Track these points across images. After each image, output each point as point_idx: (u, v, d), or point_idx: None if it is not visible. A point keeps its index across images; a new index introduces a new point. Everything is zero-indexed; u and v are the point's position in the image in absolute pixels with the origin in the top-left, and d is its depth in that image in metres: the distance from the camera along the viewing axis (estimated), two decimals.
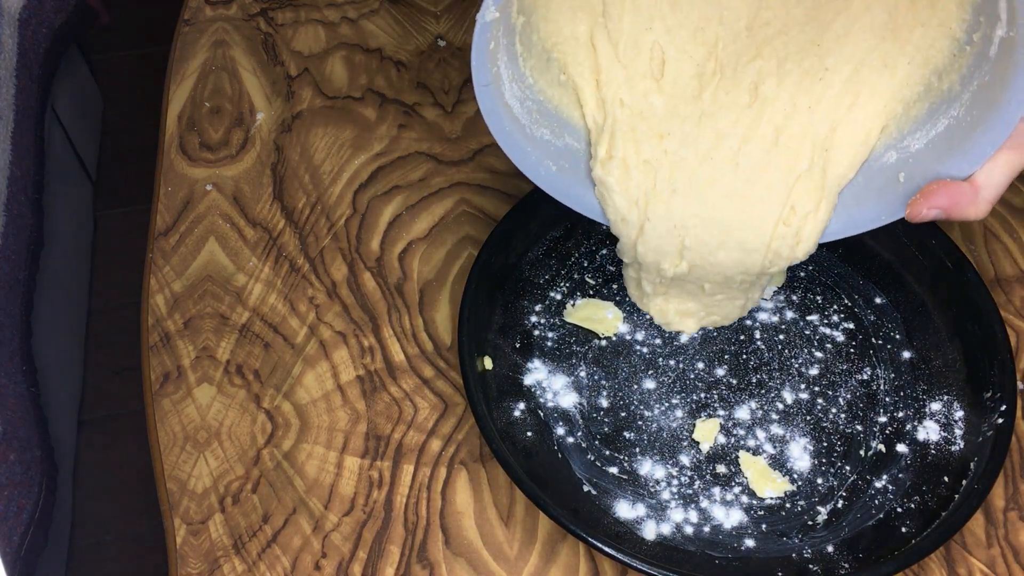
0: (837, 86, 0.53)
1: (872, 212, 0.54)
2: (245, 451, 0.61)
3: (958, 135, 0.50)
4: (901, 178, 0.53)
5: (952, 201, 0.49)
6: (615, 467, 0.59)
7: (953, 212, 0.50)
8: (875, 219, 0.54)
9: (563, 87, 0.55)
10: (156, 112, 0.79)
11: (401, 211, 0.72)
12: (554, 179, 0.55)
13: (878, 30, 0.53)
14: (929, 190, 0.50)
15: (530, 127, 0.54)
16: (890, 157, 0.54)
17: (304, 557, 0.57)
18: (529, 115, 0.54)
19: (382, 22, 0.84)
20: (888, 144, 0.54)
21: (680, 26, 0.54)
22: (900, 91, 0.53)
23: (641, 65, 0.54)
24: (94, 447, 1.30)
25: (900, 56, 0.52)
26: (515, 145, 0.54)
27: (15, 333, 0.90)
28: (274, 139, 0.77)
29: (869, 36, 0.53)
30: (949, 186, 0.50)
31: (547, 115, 0.55)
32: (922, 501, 0.56)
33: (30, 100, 1.01)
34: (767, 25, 0.53)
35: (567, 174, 0.56)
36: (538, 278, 0.66)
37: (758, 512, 0.57)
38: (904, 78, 0.53)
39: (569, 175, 0.56)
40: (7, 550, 0.76)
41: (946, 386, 0.61)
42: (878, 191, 0.54)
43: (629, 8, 0.54)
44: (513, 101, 0.53)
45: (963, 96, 0.50)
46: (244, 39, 0.83)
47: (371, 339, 0.65)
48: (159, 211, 0.73)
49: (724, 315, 0.61)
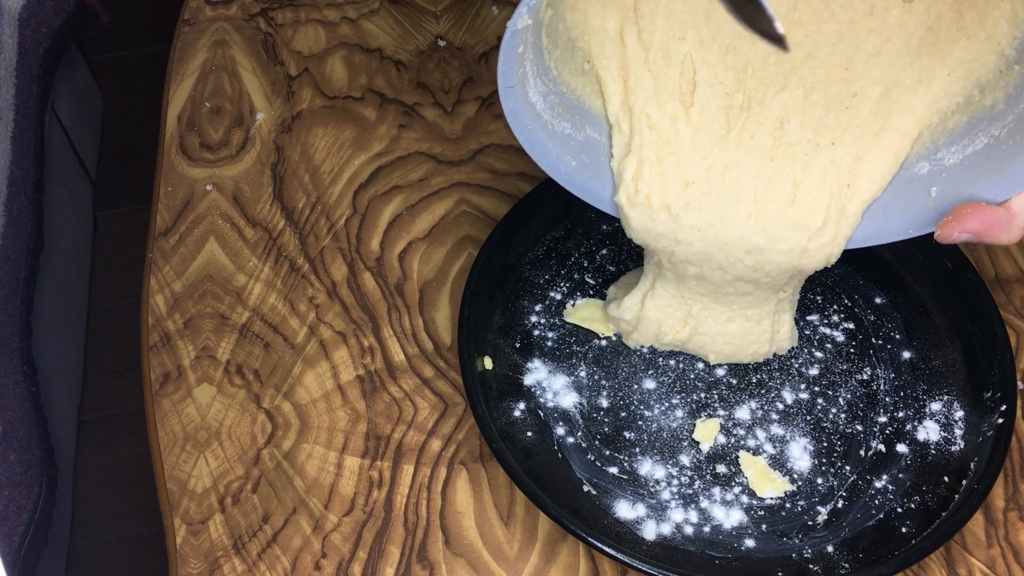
0: (865, 112, 0.52)
1: (899, 224, 0.53)
2: (245, 451, 0.61)
3: (998, 157, 0.49)
4: (933, 192, 0.52)
5: (985, 226, 0.48)
6: (615, 467, 0.59)
7: (985, 237, 0.48)
8: (902, 231, 0.53)
9: (586, 76, 0.55)
10: (156, 112, 0.79)
11: (401, 211, 0.72)
12: (573, 174, 0.55)
13: (914, 47, 0.51)
14: (962, 212, 0.49)
15: (551, 122, 0.54)
16: (922, 168, 0.53)
17: (304, 557, 0.57)
18: (552, 109, 0.54)
19: (382, 22, 0.84)
20: (921, 154, 0.53)
21: (713, 39, 0.53)
22: (936, 102, 0.52)
23: (671, 79, 0.54)
24: (94, 447, 1.30)
25: (939, 68, 0.51)
26: (536, 142, 0.54)
27: (15, 333, 0.90)
28: (274, 139, 0.77)
29: (903, 54, 0.51)
30: (983, 210, 0.48)
31: (569, 107, 0.55)
32: (922, 501, 0.56)
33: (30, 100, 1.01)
34: (797, 47, 0.52)
35: (587, 168, 0.56)
36: (538, 278, 0.66)
37: (758, 512, 0.57)
38: (942, 89, 0.52)
39: (588, 170, 0.56)
40: (7, 550, 0.76)
41: (946, 386, 0.61)
42: (906, 202, 0.53)
43: (663, 11, 0.54)
44: (536, 97, 0.53)
45: (1007, 117, 0.49)
46: (244, 39, 0.83)
47: (371, 339, 0.65)
48: (159, 211, 0.73)
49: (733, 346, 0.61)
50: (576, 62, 0.55)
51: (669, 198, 0.54)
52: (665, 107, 0.54)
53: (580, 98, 0.56)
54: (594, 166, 0.56)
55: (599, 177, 0.56)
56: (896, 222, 0.53)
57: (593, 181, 0.56)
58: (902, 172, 0.53)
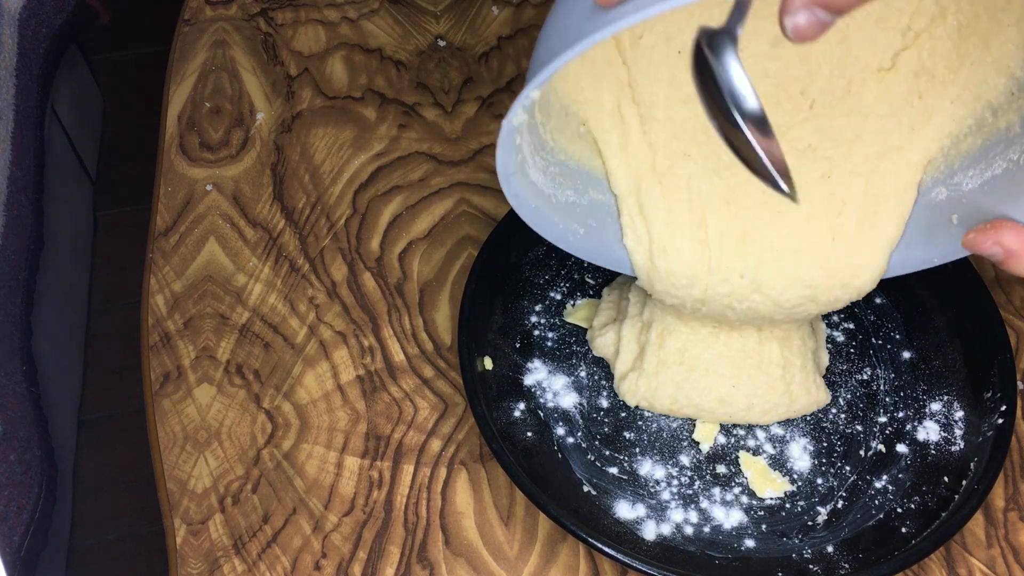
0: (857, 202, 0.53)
1: (922, 254, 0.53)
2: (245, 451, 0.61)
3: (1019, 182, 0.48)
4: (954, 220, 0.51)
5: (1021, 246, 0.45)
6: (615, 467, 0.59)
7: (1011, 261, 0.46)
8: (926, 260, 0.53)
9: (583, 139, 0.55)
10: (156, 112, 0.79)
11: (401, 211, 0.72)
12: (584, 243, 0.55)
13: (898, 104, 0.52)
14: (1002, 225, 0.46)
15: (555, 195, 0.53)
16: (940, 193, 0.52)
17: (304, 557, 0.57)
18: (553, 181, 0.53)
19: (382, 22, 0.84)
20: (936, 179, 0.53)
21: (715, 155, 0.54)
22: (943, 128, 0.51)
23: (680, 201, 0.54)
24: (94, 447, 1.30)
25: (938, 101, 0.51)
26: (543, 220, 0.53)
27: (15, 333, 0.90)
28: (274, 139, 0.77)
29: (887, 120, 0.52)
30: (1022, 231, 0.46)
31: (570, 174, 0.55)
32: (922, 501, 0.56)
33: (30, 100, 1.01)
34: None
35: (596, 233, 0.56)
36: (538, 278, 0.66)
37: (758, 512, 0.57)
38: (947, 116, 0.51)
39: (597, 235, 0.56)
40: (7, 550, 0.76)
41: (946, 386, 0.61)
42: (927, 231, 0.52)
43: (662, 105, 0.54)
44: (536, 175, 0.52)
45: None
46: (244, 39, 0.83)
47: (371, 339, 0.65)
48: (159, 211, 0.73)
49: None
50: (572, 127, 0.54)
51: (690, 268, 0.54)
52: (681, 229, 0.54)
53: (579, 162, 0.55)
54: (602, 229, 0.56)
55: (610, 239, 0.56)
56: (918, 252, 0.53)
57: (605, 245, 0.56)
58: (920, 200, 0.53)
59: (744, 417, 0.59)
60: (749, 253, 0.54)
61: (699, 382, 0.59)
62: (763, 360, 0.58)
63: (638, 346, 0.60)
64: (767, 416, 0.59)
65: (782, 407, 0.59)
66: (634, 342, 0.61)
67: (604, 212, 0.56)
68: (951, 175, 0.52)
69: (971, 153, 0.51)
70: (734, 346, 0.58)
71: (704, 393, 0.59)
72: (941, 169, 0.52)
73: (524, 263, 0.66)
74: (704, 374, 0.59)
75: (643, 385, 0.60)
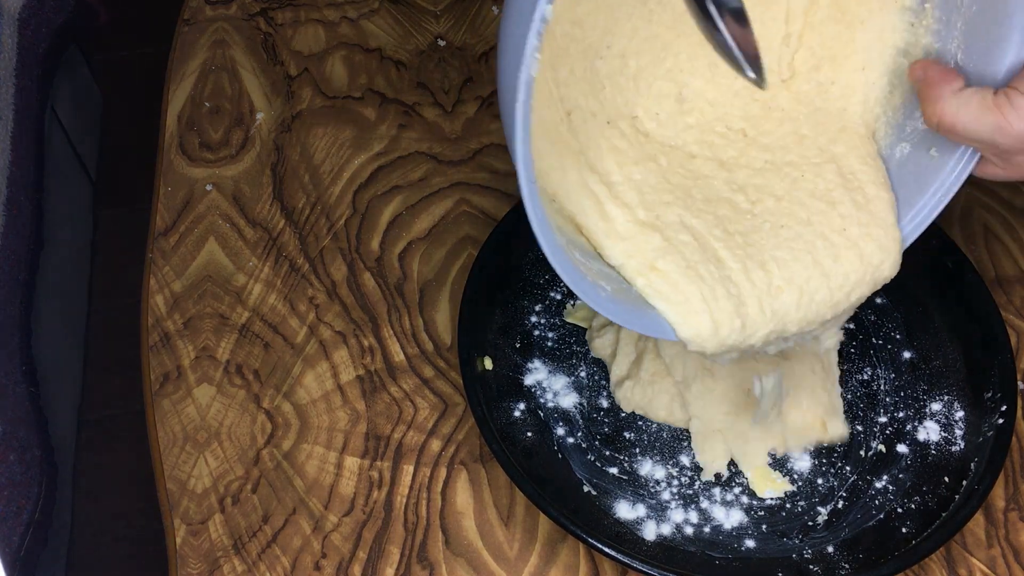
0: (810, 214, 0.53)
1: (929, 201, 0.52)
2: (245, 451, 0.61)
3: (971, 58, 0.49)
4: (933, 152, 0.51)
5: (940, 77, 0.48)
6: (615, 467, 0.59)
7: (925, 88, 0.48)
8: (935, 205, 0.52)
9: (558, 213, 0.53)
10: (156, 112, 0.79)
11: (401, 211, 0.72)
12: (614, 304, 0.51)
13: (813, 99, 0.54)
14: (933, 63, 0.49)
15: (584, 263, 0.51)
16: (903, 149, 0.53)
17: (304, 557, 0.57)
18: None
19: (382, 22, 0.84)
20: (891, 141, 0.53)
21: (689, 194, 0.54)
22: (868, 95, 0.53)
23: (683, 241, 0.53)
24: (94, 447, 1.29)
25: (851, 75, 0.52)
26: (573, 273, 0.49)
27: (15, 333, 0.90)
28: (274, 139, 0.77)
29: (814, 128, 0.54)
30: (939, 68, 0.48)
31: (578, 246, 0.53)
32: (922, 501, 0.56)
33: (30, 100, 1.01)
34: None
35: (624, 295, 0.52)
36: (538, 278, 0.66)
37: (758, 512, 0.57)
38: (866, 83, 0.52)
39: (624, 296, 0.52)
40: (7, 550, 0.76)
41: (946, 386, 0.61)
42: (918, 182, 0.52)
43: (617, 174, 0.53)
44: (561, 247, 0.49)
45: (950, 46, 0.49)
46: (244, 39, 0.83)
47: (371, 339, 0.65)
48: (159, 211, 0.73)
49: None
50: (544, 202, 0.53)
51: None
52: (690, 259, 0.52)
53: (584, 244, 0.53)
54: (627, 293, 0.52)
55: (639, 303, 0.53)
56: (925, 201, 0.53)
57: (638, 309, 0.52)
58: (892, 166, 0.53)
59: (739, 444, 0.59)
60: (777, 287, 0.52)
61: (696, 396, 0.58)
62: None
63: (635, 351, 0.60)
64: (764, 442, 0.59)
65: (776, 429, 0.59)
66: (631, 346, 0.60)
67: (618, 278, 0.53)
68: (902, 130, 0.53)
69: (907, 100, 0.52)
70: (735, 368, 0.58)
71: (701, 409, 0.58)
72: (890, 131, 0.53)
73: (524, 263, 0.66)
74: (701, 390, 0.58)
75: (638, 394, 0.59)
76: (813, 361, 0.59)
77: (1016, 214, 0.71)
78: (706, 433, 0.58)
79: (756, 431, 0.58)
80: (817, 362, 0.59)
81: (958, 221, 0.71)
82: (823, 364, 0.59)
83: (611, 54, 0.55)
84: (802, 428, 0.58)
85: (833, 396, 0.60)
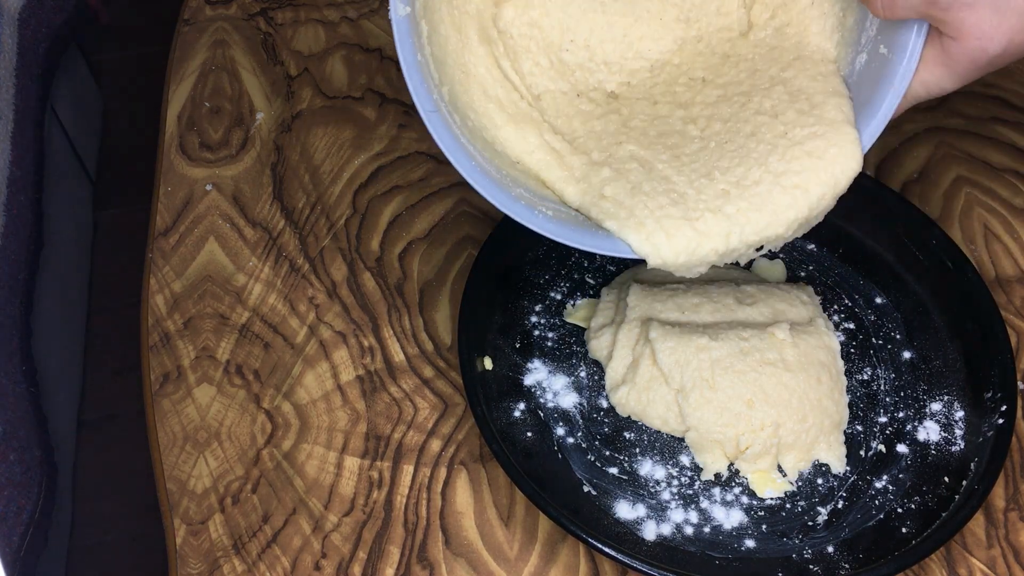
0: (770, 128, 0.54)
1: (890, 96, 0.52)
2: (245, 451, 0.61)
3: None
4: (883, 50, 0.52)
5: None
6: (615, 467, 0.59)
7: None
8: (897, 95, 0.52)
9: (517, 167, 0.55)
10: (156, 112, 0.79)
11: (401, 211, 0.72)
12: (553, 225, 0.53)
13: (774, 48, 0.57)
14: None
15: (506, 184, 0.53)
16: (861, 59, 0.54)
17: (304, 557, 0.57)
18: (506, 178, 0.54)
19: (382, 22, 0.84)
20: (850, 59, 0.55)
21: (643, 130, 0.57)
22: (824, 29, 0.55)
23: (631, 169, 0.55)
24: (94, 447, 1.29)
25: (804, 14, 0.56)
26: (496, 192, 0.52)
27: (15, 333, 0.90)
28: (274, 139, 0.77)
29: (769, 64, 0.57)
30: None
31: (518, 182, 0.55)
32: (922, 501, 0.56)
33: (30, 100, 1.01)
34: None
35: (565, 215, 0.54)
36: (538, 278, 0.66)
37: (758, 512, 0.57)
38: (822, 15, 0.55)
39: (567, 216, 0.54)
40: (7, 550, 0.76)
41: (946, 386, 0.61)
42: (879, 82, 0.53)
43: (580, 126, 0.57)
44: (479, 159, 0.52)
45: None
46: (244, 39, 0.83)
47: (371, 339, 0.65)
48: (159, 211, 0.73)
49: None
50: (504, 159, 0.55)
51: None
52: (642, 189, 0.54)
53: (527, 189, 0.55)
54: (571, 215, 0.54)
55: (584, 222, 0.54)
56: (882, 95, 0.53)
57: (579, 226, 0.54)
58: (853, 79, 0.55)
59: (734, 455, 0.59)
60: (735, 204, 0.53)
61: (694, 407, 0.58)
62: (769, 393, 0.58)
63: (632, 355, 0.60)
64: (761, 460, 0.58)
65: (772, 450, 0.58)
66: (628, 350, 0.60)
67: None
68: (858, 43, 0.54)
69: (858, 16, 0.54)
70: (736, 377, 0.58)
71: (699, 420, 0.58)
72: (848, 49, 0.55)
73: (524, 263, 0.66)
74: (699, 401, 0.58)
75: (633, 399, 0.59)
76: (820, 370, 0.58)
77: (1016, 214, 0.71)
78: (704, 444, 0.58)
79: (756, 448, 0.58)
80: (824, 371, 0.59)
81: (958, 221, 0.71)
82: (831, 373, 0.59)
83: (576, 47, 0.59)
84: (795, 464, 0.58)
85: (841, 407, 0.59)
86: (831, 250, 0.67)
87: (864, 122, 0.53)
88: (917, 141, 0.75)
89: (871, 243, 0.66)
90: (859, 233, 0.66)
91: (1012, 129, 0.76)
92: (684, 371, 0.58)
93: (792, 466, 0.58)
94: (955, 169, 0.74)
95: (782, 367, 0.57)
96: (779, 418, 0.57)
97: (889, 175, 0.73)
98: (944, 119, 0.77)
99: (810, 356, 0.58)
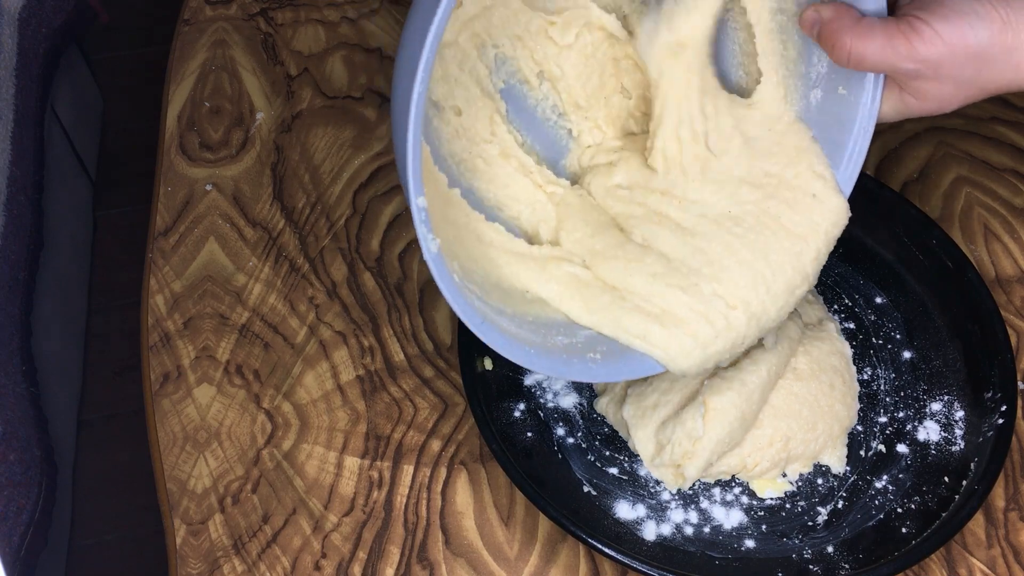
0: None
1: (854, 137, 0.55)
2: (245, 451, 0.61)
3: None
4: (841, 91, 0.54)
5: (834, 14, 0.49)
6: (615, 468, 0.59)
7: (825, 28, 0.50)
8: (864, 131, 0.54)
9: (532, 302, 0.55)
10: (156, 112, 0.79)
11: (401, 211, 0.72)
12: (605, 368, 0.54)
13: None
14: (822, 5, 0.51)
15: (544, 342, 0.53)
16: (816, 96, 0.56)
17: (304, 557, 0.57)
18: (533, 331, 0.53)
19: (382, 22, 0.84)
20: (802, 93, 0.56)
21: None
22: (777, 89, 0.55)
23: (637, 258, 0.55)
24: (94, 447, 1.30)
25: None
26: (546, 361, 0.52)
27: (15, 333, 0.90)
28: (274, 139, 0.77)
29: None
30: (831, 5, 0.50)
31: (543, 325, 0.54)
32: (922, 501, 0.56)
33: (30, 100, 1.01)
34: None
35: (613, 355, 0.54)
36: None
37: (758, 512, 0.57)
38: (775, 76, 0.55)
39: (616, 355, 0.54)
40: (7, 550, 0.76)
41: (946, 386, 0.61)
42: (839, 120, 0.55)
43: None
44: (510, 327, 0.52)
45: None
46: (244, 39, 0.83)
47: (371, 339, 0.65)
48: (159, 211, 0.73)
49: None
50: (516, 297, 0.54)
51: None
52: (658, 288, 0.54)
53: (537, 318, 0.54)
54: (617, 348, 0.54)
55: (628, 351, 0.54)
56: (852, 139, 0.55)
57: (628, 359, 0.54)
58: (811, 116, 0.56)
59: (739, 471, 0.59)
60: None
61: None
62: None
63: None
64: (768, 473, 0.58)
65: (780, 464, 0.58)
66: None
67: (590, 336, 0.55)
68: (807, 78, 0.55)
69: (800, 49, 0.55)
70: None
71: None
72: (798, 82, 0.56)
73: None
74: None
75: (611, 411, 0.60)
76: (832, 376, 0.58)
77: (1016, 214, 0.71)
78: None
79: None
80: (837, 376, 0.59)
81: (958, 221, 0.71)
82: (843, 378, 0.59)
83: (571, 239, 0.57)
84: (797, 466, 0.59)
85: (852, 411, 0.59)
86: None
87: (838, 164, 0.56)
88: (917, 141, 0.75)
89: (871, 243, 0.66)
90: (859, 233, 0.66)
91: (1012, 129, 0.76)
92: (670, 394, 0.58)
93: (793, 468, 0.58)
94: (955, 169, 0.74)
95: (792, 377, 0.57)
96: (789, 431, 0.57)
97: (889, 175, 0.73)
98: (944, 119, 0.77)
99: (823, 363, 0.58)
